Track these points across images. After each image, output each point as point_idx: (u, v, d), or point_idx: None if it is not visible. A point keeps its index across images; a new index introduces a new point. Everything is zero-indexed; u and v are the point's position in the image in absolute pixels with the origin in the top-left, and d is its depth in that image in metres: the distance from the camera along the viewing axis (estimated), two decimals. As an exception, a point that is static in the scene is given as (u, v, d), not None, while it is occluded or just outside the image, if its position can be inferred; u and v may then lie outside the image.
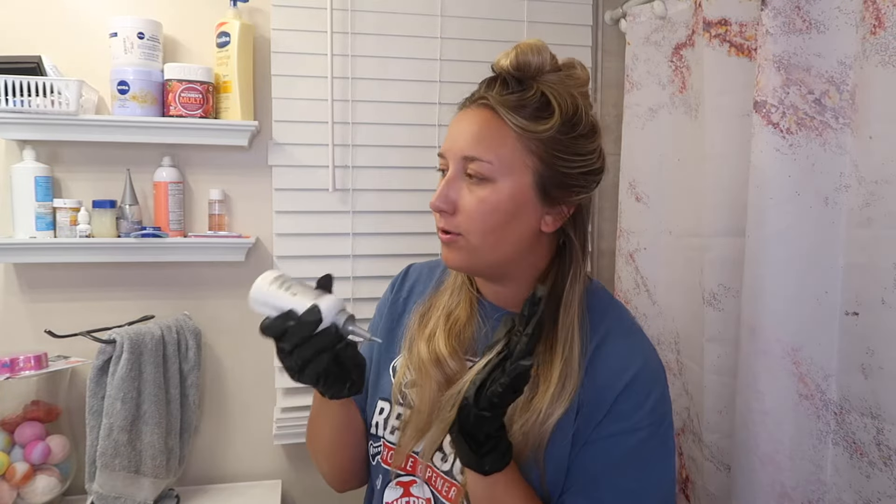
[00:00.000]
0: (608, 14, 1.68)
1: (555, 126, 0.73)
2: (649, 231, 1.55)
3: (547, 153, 0.74)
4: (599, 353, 0.77)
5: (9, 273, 1.42)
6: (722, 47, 1.25)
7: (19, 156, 1.37)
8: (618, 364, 0.77)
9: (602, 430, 0.75)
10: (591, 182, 0.78)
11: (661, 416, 0.77)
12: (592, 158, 0.77)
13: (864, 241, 1.02)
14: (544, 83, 0.75)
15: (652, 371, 0.78)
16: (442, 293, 0.88)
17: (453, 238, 0.77)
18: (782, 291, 1.10)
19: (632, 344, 0.80)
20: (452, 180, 0.76)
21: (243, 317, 1.53)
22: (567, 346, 0.76)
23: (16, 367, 1.25)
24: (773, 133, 1.09)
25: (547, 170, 0.74)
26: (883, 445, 0.99)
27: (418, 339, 0.85)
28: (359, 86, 1.53)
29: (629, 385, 0.75)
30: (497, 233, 0.75)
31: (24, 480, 1.25)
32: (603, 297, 0.84)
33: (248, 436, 1.56)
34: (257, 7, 1.48)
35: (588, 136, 0.77)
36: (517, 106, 0.74)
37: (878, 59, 0.98)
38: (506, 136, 0.74)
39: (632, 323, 0.84)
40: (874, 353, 1.00)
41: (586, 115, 0.76)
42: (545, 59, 0.76)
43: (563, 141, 0.74)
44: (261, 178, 1.52)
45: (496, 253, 0.77)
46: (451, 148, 0.77)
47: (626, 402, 0.75)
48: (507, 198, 0.74)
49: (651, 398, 0.75)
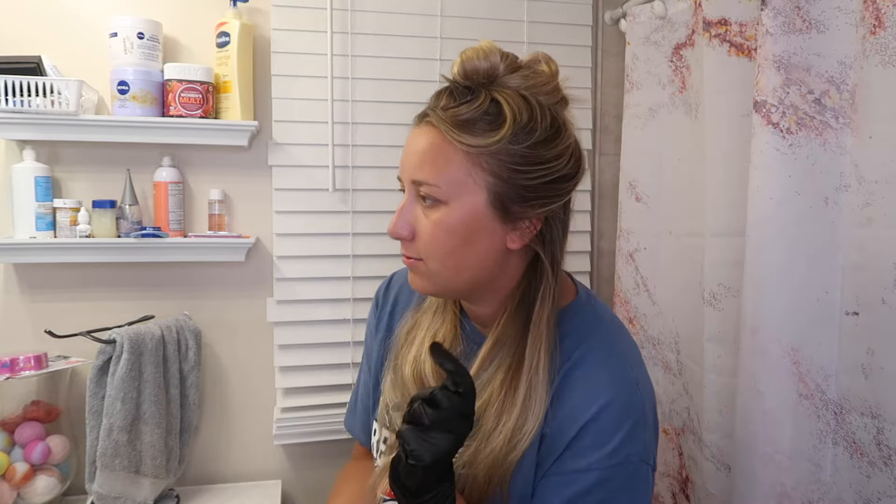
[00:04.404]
0: (608, 14, 1.68)
1: (505, 136, 0.67)
2: (649, 231, 1.55)
3: (500, 167, 0.68)
4: (568, 378, 0.72)
5: (9, 273, 1.42)
6: (722, 47, 1.25)
7: (19, 156, 1.37)
8: (585, 395, 0.70)
9: (560, 465, 0.70)
10: (558, 191, 0.71)
11: (626, 458, 0.69)
12: (557, 165, 0.70)
13: (864, 241, 1.02)
14: (497, 88, 0.69)
15: (622, 406, 0.70)
16: (426, 310, 0.85)
17: (415, 263, 0.74)
18: (782, 291, 1.10)
19: (606, 374, 0.72)
20: (408, 205, 0.73)
21: (243, 317, 1.54)
22: (532, 371, 0.71)
23: (16, 367, 1.25)
24: (773, 133, 1.09)
25: (502, 185, 0.68)
26: (883, 445, 0.99)
27: (403, 361, 0.82)
28: (359, 86, 1.53)
29: (592, 420, 0.69)
30: (456, 256, 0.71)
31: (24, 480, 1.25)
32: (586, 315, 0.78)
33: (248, 436, 1.56)
34: (257, 7, 1.48)
35: (548, 142, 0.69)
36: (463, 121, 0.68)
37: (878, 59, 0.98)
38: (452, 155, 0.68)
39: (614, 347, 0.76)
40: (874, 353, 1.00)
41: (544, 120, 0.69)
42: (495, 62, 0.70)
43: (518, 151, 0.68)
44: (261, 178, 1.52)
45: (460, 276, 0.73)
46: (403, 170, 0.73)
47: (586, 439, 0.69)
48: (461, 220, 0.69)
49: (616, 437, 0.68)
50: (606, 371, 0.72)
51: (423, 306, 0.86)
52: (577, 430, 0.69)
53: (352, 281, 1.55)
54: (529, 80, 0.71)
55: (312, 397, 1.53)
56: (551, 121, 0.70)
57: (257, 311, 1.54)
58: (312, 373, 1.53)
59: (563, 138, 0.71)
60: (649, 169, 1.54)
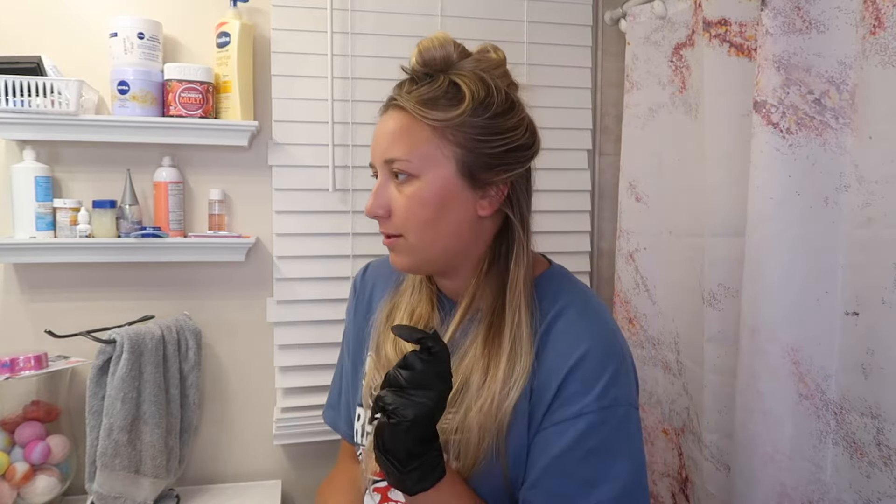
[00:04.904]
0: (608, 14, 1.68)
1: (466, 110, 0.74)
2: (649, 231, 1.55)
3: (465, 138, 0.74)
4: (549, 333, 0.75)
5: (9, 273, 1.42)
6: (722, 47, 1.25)
7: (19, 156, 1.37)
8: (566, 344, 0.74)
9: (551, 416, 0.72)
10: (519, 158, 0.77)
11: (614, 400, 0.72)
12: (516, 135, 0.77)
13: (864, 241, 1.02)
14: (453, 72, 0.76)
15: (603, 351, 0.73)
16: (403, 292, 0.89)
17: (394, 241, 0.78)
18: (782, 291, 1.10)
19: (585, 323, 0.76)
20: (382, 185, 0.77)
21: (243, 317, 1.53)
22: (514, 327, 0.75)
23: (16, 367, 1.25)
24: (773, 133, 1.09)
25: (468, 154, 0.74)
26: (883, 445, 0.99)
27: (384, 342, 0.85)
28: (359, 86, 1.53)
29: (575, 366, 0.72)
30: (433, 226, 0.76)
31: (24, 480, 1.25)
32: (560, 281, 0.82)
33: (248, 436, 1.56)
34: (257, 7, 1.48)
35: (505, 114, 0.76)
36: (426, 100, 0.74)
37: (878, 59, 0.98)
38: (420, 131, 0.74)
39: (588, 304, 0.80)
40: (874, 353, 1.00)
41: (499, 95, 0.76)
42: (449, 51, 0.77)
43: (479, 123, 0.74)
44: (261, 178, 1.52)
45: (437, 246, 0.77)
46: (374, 154, 0.79)
47: (572, 385, 0.72)
48: (434, 190, 0.74)
49: (601, 380, 0.71)
50: (584, 321, 0.76)
51: (400, 289, 0.90)
52: (562, 378, 0.72)
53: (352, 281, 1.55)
54: (482, 64, 0.78)
55: (312, 397, 1.52)
56: (505, 96, 0.77)
57: (257, 311, 1.54)
58: (312, 373, 1.53)
59: (517, 111, 0.78)
60: (649, 169, 1.54)
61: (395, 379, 0.65)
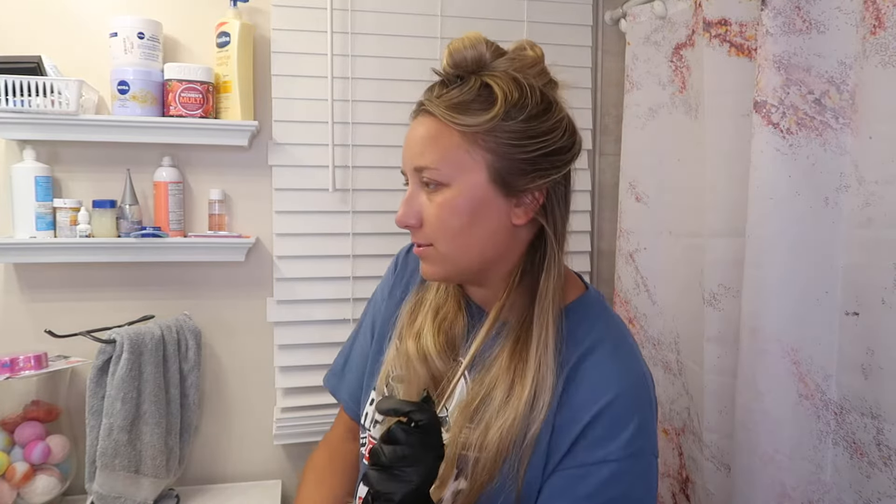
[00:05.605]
0: (608, 14, 1.68)
1: (498, 114, 0.70)
2: (649, 231, 1.55)
3: (497, 143, 0.70)
4: (579, 368, 0.72)
5: (9, 273, 1.42)
6: (722, 47, 1.25)
7: (19, 156, 1.37)
8: (598, 383, 0.70)
9: (572, 458, 0.69)
10: (556, 163, 0.73)
11: (640, 451, 0.69)
12: (553, 138, 0.72)
13: (864, 241, 1.02)
14: (486, 73, 0.72)
15: (635, 397, 0.71)
16: (430, 287, 0.86)
17: (426, 250, 0.75)
18: (782, 291, 1.10)
19: (619, 363, 0.73)
20: (413, 194, 0.75)
21: (243, 317, 1.53)
22: (542, 344, 0.71)
23: (16, 367, 1.25)
24: (773, 133, 1.09)
25: (500, 160, 0.71)
26: (883, 445, 0.99)
27: (407, 335, 0.83)
28: (359, 86, 1.53)
29: (605, 409, 0.69)
30: (464, 235, 0.73)
31: (24, 480, 1.25)
32: (596, 310, 0.79)
33: (248, 436, 1.56)
34: (257, 7, 1.48)
35: (541, 116, 0.72)
36: (456, 104, 0.71)
37: (878, 59, 0.98)
38: (450, 137, 0.71)
39: (623, 342, 0.76)
40: (874, 353, 1.00)
41: (535, 95, 0.72)
42: (481, 51, 0.73)
43: (513, 127, 0.70)
44: (261, 178, 1.52)
45: (469, 256, 0.74)
46: (404, 162, 0.76)
47: (599, 428, 0.68)
48: (465, 198, 0.71)
49: (630, 428, 0.68)
50: (618, 361, 0.73)
51: (427, 284, 0.87)
52: (589, 419, 0.69)
53: (352, 281, 1.55)
54: (516, 63, 0.73)
55: (312, 397, 1.52)
56: (541, 97, 0.73)
57: (257, 311, 1.54)
58: (312, 373, 1.53)
59: (554, 112, 0.73)
60: (649, 169, 1.54)
61: (378, 456, 0.62)
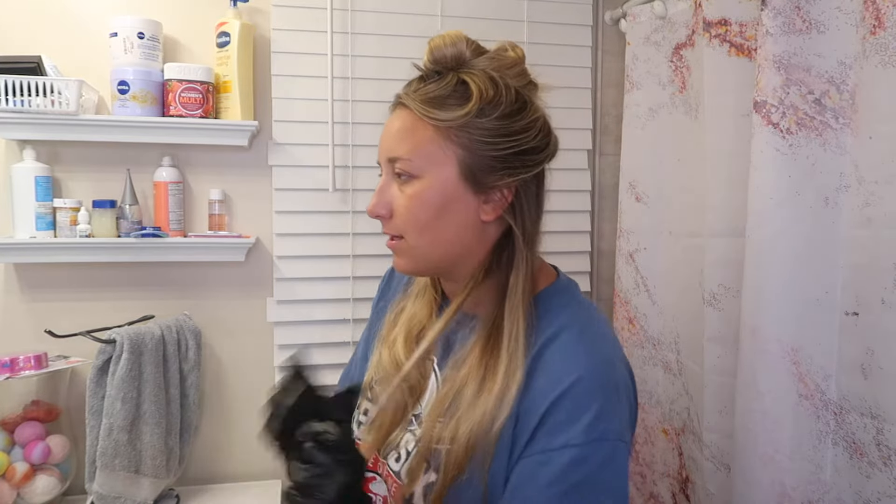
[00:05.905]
0: (608, 14, 1.68)
1: (472, 111, 0.71)
2: (649, 231, 1.55)
3: (469, 140, 0.71)
4: (542, 356, 0.71)
5: (9, 273, 1.42)
6: (722, 47, 1.25)
7: (19, 156, 1.37)
8: (560, 368, 0.69)
9: (534, 444, 0.68)
10: (528, 162, 0.73)
11: (603, 434, 0.67)
12: (525, 137, 0.73)
13: (864, 241, 1.02)
14: (464, 70, 0.73)
15: (598, 380, 0.69)
16: (409, 296, 0.87)
17: (397, 243, 0.76)
18: (782, 291, 1.10)
19: (581, 349, 0.71)
20: (385, 185, 0.76)
21: (243, 317, 1.53)
22: (513, 339, 0.71)
23: (16, 367, 1.25)
24: (773, 133, 1.09)
25: (471, 156, 0.72)
26: (883, 445, 0.99)
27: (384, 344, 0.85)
28: (359, 86, 1.53)
29: (566, 392, 0.67)
30: (432, 228, 0.73)
31: (24, 480, 1.25)
32: (564, 297, 0.78)
33: (248, 436, 1.55)
34: (257, 7, 1.48)
35: (514, 115, 0.73)
36: (431, 98, 0.72)
37: (878, 59, 0.98)
38: (423, 131, 0.72)
39: (589, 326, 0.75)
40: (874, 353, 1.00)
41: (510, 94, 0.73)
42: (461, 48, 0.74)
43: (486, 124, 0.71)
44: (261, 178, 1.52)
45: (437, 249, 0.75)
46: (380, 153, 0.77)
47: (560, 413, 0.67)
48: (434, 191, 0.72)
49: (591, 410, 0.66)
50: (581, 346, 0.72)
51: (408, 292, 0.88)
52: (549, 404, 0.67)
53: (352, 281, 1.55)
54: (495, 63, 0.74)
55: None
56: (516, 96, 0.74)
57: (257, 311, 1.54)
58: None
59: (528, 112, 0.74)
60: (649, 169, 1.54)
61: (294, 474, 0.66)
